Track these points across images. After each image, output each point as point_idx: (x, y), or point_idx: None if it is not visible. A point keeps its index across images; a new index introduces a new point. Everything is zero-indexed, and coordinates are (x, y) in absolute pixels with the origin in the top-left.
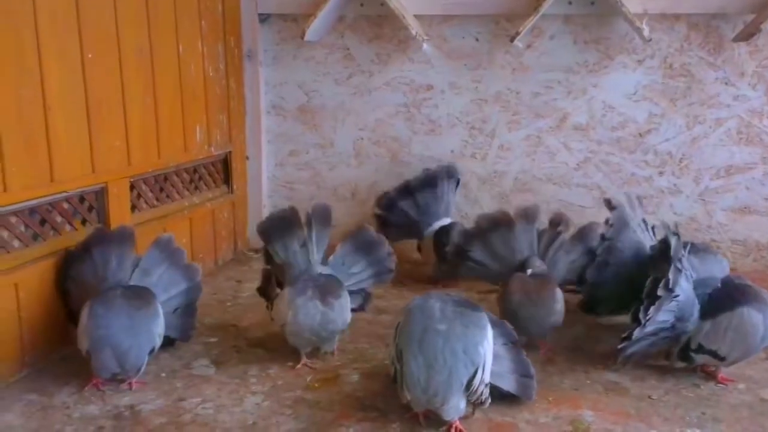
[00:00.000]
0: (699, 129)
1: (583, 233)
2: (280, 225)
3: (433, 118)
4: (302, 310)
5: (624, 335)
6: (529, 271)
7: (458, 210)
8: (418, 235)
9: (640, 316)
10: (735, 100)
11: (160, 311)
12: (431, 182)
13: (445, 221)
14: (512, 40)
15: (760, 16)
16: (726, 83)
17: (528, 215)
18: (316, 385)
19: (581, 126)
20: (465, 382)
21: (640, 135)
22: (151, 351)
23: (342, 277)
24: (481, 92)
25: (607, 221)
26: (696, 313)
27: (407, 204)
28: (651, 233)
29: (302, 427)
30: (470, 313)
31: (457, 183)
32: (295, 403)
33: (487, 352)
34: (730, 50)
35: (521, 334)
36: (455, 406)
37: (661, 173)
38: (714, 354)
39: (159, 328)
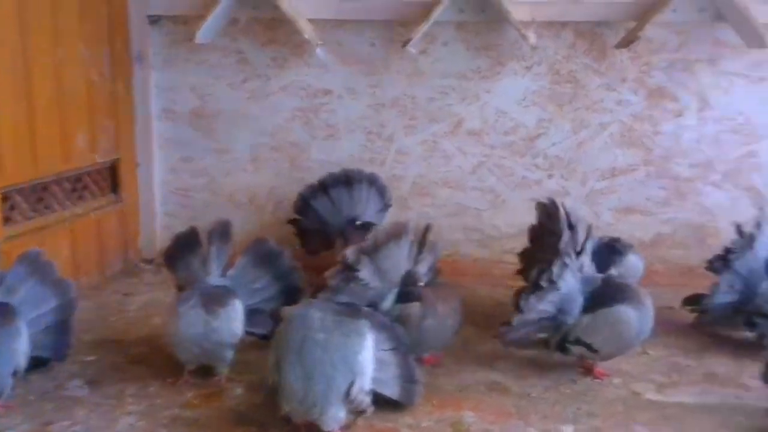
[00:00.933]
0: (585, 133)
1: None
2: (182, 248)
3: (331, 123)
4: (183, 319)
5: (504, 321)
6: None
7: None
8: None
9: (521, 303)
10: (618, 105)
11: (23, 329)
12: (347, 180)
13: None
14: (404, 45)
15: (639, 24)
16: (609, 89)
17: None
18: (196, 401)
19: (475, 131)
20: (344, 391)
21: (531, 139)
22: (15, 372)
23: (244, 293)
24: (379, 97)
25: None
26: (578, 308)
27: (321, 203)
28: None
29: None
30: (350, 322)
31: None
32: (172, 421)
33: (367, 361)
34: (612, 57)
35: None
36: (334, 416)
37: (550, 176)
38: (589, 347)
39: (22, 347)
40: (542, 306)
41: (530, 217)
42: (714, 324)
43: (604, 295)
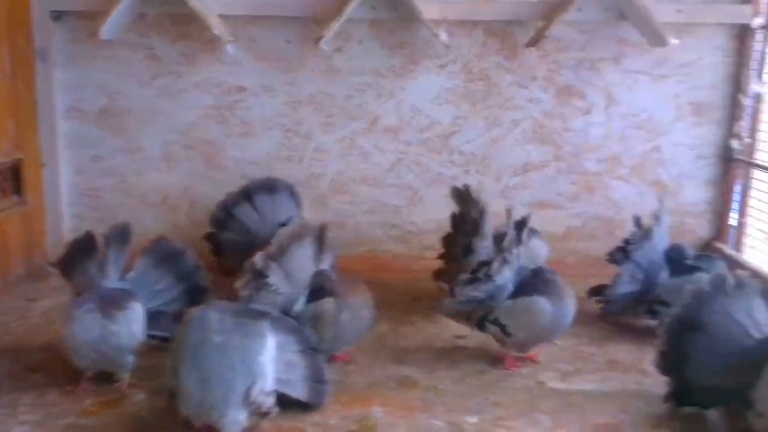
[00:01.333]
0: (498, 130)
1: None
2: (77, 253)
3: (246, 120)
4: (78, 323)
5: (441, 302)
6: None
7: None
8: None
9: (456, 289)
10: (529, 102)
11: None
12: (271, 187)
13: None
14: (317, 42)
15: (546, 23)
16: (520, 86)
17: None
18: (94, 408)
19: (392, 128)
20: (243, 394)
21: (446, 136)
22: None
23: (145, 296)
24: (295, 94)
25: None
26: (506, 295)
27: (245, 212)
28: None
29: None
30: (250, 323)
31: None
32: (67, 430)
33: (267, 362)
34: (523, 55)
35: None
36: (234, 420)
37: (466, 172)
38: (503, 329)
39: None
40: (475, 293)
41: (448, 213)
42: (618, 313)
43: (529, 285)
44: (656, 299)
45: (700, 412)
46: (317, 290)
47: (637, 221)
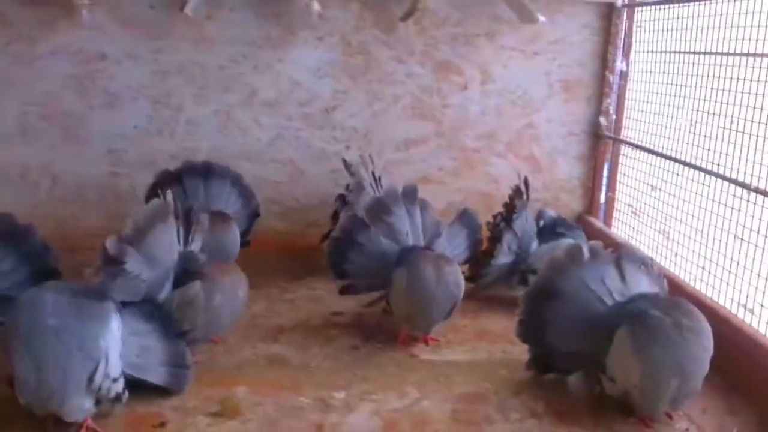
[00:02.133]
0: (379, 105)
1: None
2: None
3: (111, 90)
4: None
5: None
6: None
7: None
8: None
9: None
10: (408, 77)
11: None
12: (207, 172)
13: None
14: (182, 9)
15: None
16: (399, 61)
17: None
18: None
19: (270, 101)
20: (85, 379)
21: (327, 111)
22: None
23: None
24: (163, 64)
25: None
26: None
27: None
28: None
29: None
30: (90, 304)
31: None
32: None
33: (111, 345)
34: (400, 30)
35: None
36: (78, 407)
37: (348, 147)
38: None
39: None
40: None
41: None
42: (492, 285)
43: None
44: (529, 269)
45: (561, 378)
46: (184, 273)
47: (518, 189)
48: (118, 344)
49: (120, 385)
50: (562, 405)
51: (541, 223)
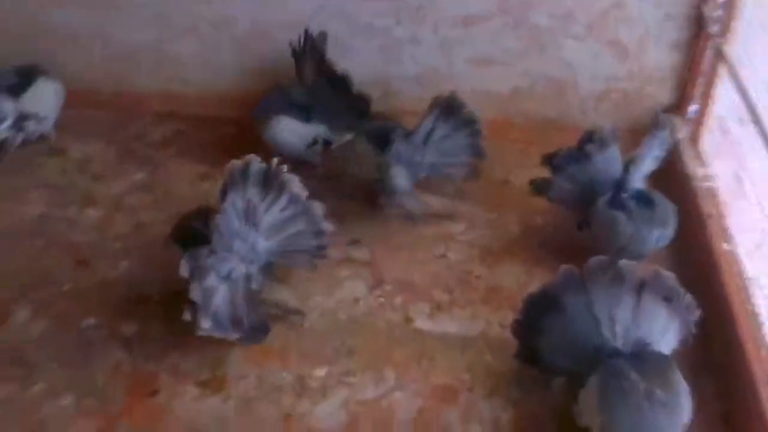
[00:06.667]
0: None
1: None
2: None
3: None
4: None
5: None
6: None
7: None
8: None
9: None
10: None
11: None
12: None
13: None
14: None
15: None
16: None
17: None
18: None
19: None
20: None
21: None
22: None
23: None
24: None
25: None
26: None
27: None
28: None
29: None
30: None
31: None
32: None
33: None
34: None
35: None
36: None
37: (398, 23)
38: None
39: None
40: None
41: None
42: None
43: None
44: (585, 220)
45: (545, 380)
46: None
47: (590, 135)
48: None
49: None
50: (531, 421)
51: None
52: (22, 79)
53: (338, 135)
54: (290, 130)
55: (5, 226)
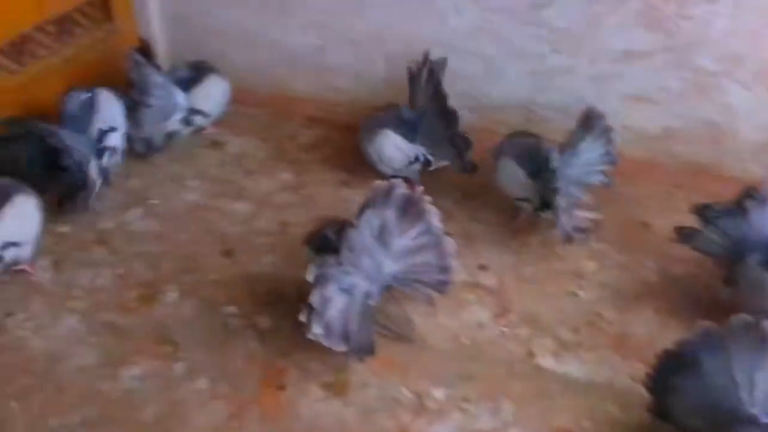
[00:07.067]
0: (599, 7)
1: None
2: None
3: None
4: None
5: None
6: None
7: None
8: None
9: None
10: None
11: None
12: None
13: None
14: None
15: None
16: None
17: None
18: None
19: None
20: None
21: (536, 7)
22: None
23: None
24: None
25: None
26: None
27: None
28: None
29: None
30: None
31: None
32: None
33: None
34: None
35: None
36: None
37: (555, 51)
38: None
39: None
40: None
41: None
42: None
43: None
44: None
45: None
46: None
47: (750, 191)
48: None
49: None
50: None
51: None
52: (194, 74)
53: (437, 160)
54: (395, 145)
55: (164, 210)
